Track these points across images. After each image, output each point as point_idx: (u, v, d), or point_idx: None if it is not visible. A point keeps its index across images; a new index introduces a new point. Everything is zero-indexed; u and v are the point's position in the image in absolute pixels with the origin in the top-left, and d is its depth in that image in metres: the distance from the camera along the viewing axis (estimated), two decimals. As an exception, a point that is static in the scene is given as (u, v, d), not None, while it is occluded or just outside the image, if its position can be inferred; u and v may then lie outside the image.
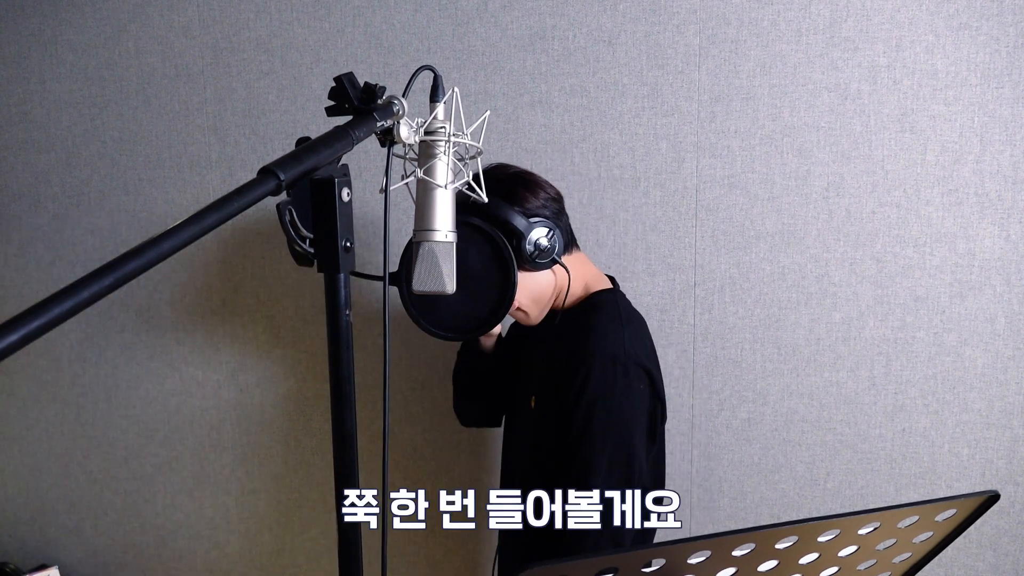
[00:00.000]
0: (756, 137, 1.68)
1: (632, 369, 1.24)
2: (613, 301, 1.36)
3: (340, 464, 0.92)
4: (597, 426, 1.22)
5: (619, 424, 1.23)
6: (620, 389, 1.23)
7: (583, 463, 1.22)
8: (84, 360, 2.01)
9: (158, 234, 0.61)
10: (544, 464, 1.33)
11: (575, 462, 1.24)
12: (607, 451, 1.22)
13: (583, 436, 1.23)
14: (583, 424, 1.23)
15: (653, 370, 1.30)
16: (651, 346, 1.38)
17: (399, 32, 1.75)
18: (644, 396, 1.27)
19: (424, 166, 0.99)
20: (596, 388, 1.22)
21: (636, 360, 1.26)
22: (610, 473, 1.21)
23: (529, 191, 1.30)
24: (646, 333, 1.38)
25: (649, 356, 1.33)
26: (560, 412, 1.26)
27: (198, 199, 1.89)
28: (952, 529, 0.80)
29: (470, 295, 1.28)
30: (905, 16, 1.61)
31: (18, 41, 1.91)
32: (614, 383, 1.23)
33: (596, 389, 1.22)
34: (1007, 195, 1.64)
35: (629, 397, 1.24)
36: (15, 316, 0.50)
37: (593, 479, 1.21)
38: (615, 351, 1.25)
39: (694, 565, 0.68)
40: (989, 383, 1.70)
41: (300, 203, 0.83)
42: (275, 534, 2.00)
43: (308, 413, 1.94)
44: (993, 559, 1.75)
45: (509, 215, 1.25)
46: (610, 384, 1.23)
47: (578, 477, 1.22)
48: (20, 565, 2.06)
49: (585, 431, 1.23)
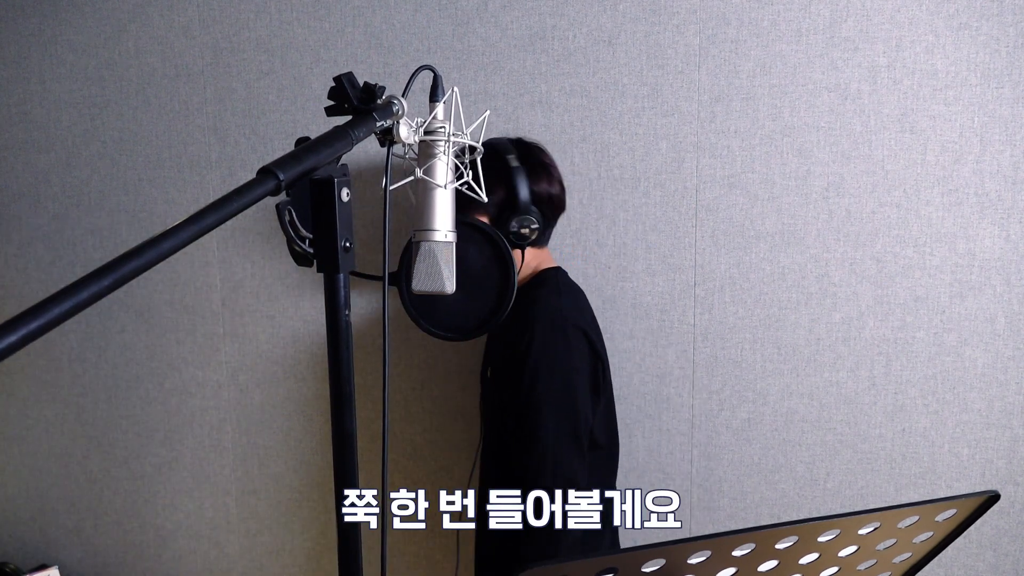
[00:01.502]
0: (756, 137, 1.68)
1: (570, 330, 1.37)
2: (554, 277, 1.48)
3: (340, 464, 0.92)
4: (541, 384, 1.33)
5: (561, 380, 1.34)
6: (560, 348, 1.35)
7: (532, 418, 1.34)
8: (84, 360, 2.01)
9: (158, 234, 0.61)
10: (500, 427, 1.43)
11: (524, 418, 1.35)
12: (552, 404, 1.34)
13: (530, 394, 1.34)
14: (529, 383, 1.34)
15: (590, 331, 1.42)
16: (590, 313, 1.51)
17: (399, 32, 1.75)
18: (584, 354, 1.38)
19: (424, 166, 0.99)
20: (538, 349, 1.34)
21: (573, 323, 1.39)
22: (557, 424, 1.33)
23: (549, 184, 1.45)
24: (585, 303, 1.51)
25: (586, 319, 1.46)
26: (509, 377, 1.38)
27: (198, 199, 1.89)
28: (952, 529, 0.80)
29: (470, 295, 1.29)
30: (905, 16, 1.61)
31: (18, 41, 1.91)
32: (555, 343, 1.35)
33: (538, 350, 1.34)
34: (1007, 195, 1.64)
35: (569, 355, 1.36)
36: (15, 316, 0.50)
37: (541, 431, 1.33)
38: (553, 316, 1.37)
39: (694, 565, 0.68)
40: (989, 383, 1.70)
41: (300, 203, 0.83)
42: (275, 534, 2.00)
43: (308, 413, 1.94)
44: (993, 559, 1.75)
45: (521, 188, 1.39)
46: (551, 344, 1.35)
47: (528, 431, 1.34)
48: (20, 565, 2.06)
49: (531, 389, 1.34)
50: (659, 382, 1.78)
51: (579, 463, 1.36)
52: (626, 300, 1.76)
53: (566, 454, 1.34)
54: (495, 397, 1.47)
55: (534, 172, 1.43)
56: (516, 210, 1.39)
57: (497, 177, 1.39)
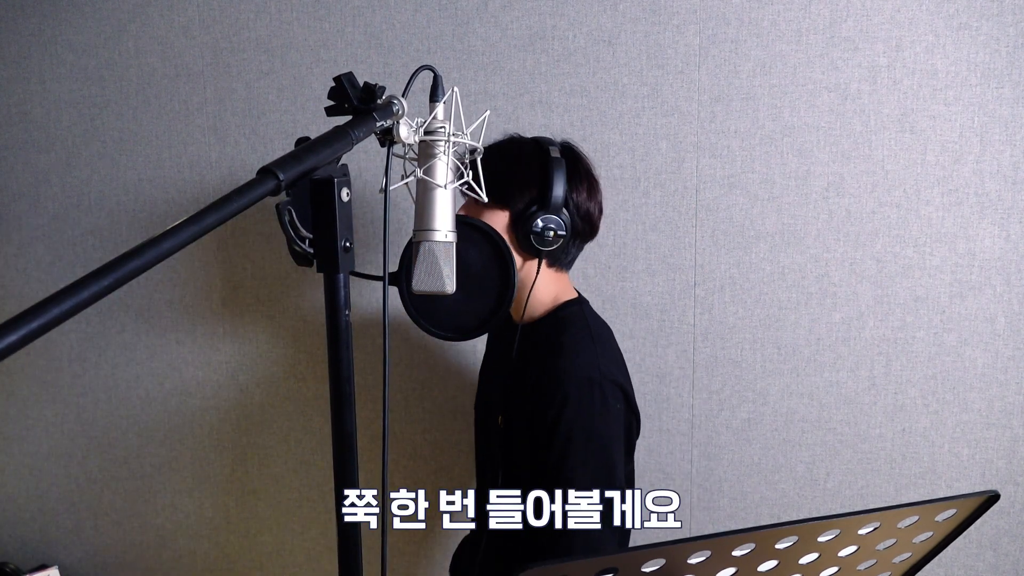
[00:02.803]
0: (756, 137, 1.68)
1: (608, 388, 1.22)
2: (581, 315, 1.33)
3: (340, 464, 0.92)
4: (577, 450, 1.19)
5: (599, 446, 1.21)
6: (597, 410, 1.21)
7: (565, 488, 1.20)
8: (84, 360, 2.01)
9: (158, 234, 0.61)
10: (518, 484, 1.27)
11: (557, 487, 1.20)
12: (588, 475, 1.19)
13: (563, 461, 1.20)
14: (562, 449, 1.20)
15: (627, 386, 1.29)
16: (621, 359, 1.35)
17: (399, 32, 1.75)
18: (620, 414, 1.25)
19: (424, 166, 0.99)
20: (573, 411, 1.19)
21: (611, 378, 1.24)
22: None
23: (589, 198, 1.30)
24: (615, 346, 1.36)
25: (621, 371, 1.31)
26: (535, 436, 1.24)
27: (198, 199, 1.89)
28: (952, 529, 0.80)
29: (470, 295, 1.28)
30: (905, 16, 1.61)
31: (18, 41, 1.91)
32: (591, 404, 1.20)
33: (573, 412, 1.19)
34: (1007, 195, 1.64)
35: (606, 417, 1.22)
36: (15, 316, 0.50)
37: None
38: (590, 372, 1.22)
39: (694, 565, 0.68)
40: (989, 383, 1.70)
41: (300, 203, 0.83)
42: (275, 534, 2.00)
43: (308, 413, 1.94)
44: (993, 559, 1.75)
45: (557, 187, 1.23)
46: (587, 406, 1.20)
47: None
48: (20, 565, 2.06)
49: (564, 455, 1.20)
50: (659, 382, 1.78)
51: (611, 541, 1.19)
52: (626, 300, 1.76)
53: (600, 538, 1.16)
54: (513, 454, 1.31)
55: (575, 175, 1.28)
56: (546, 206, 1.24)
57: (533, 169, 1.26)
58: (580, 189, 1.29)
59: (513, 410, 1.31)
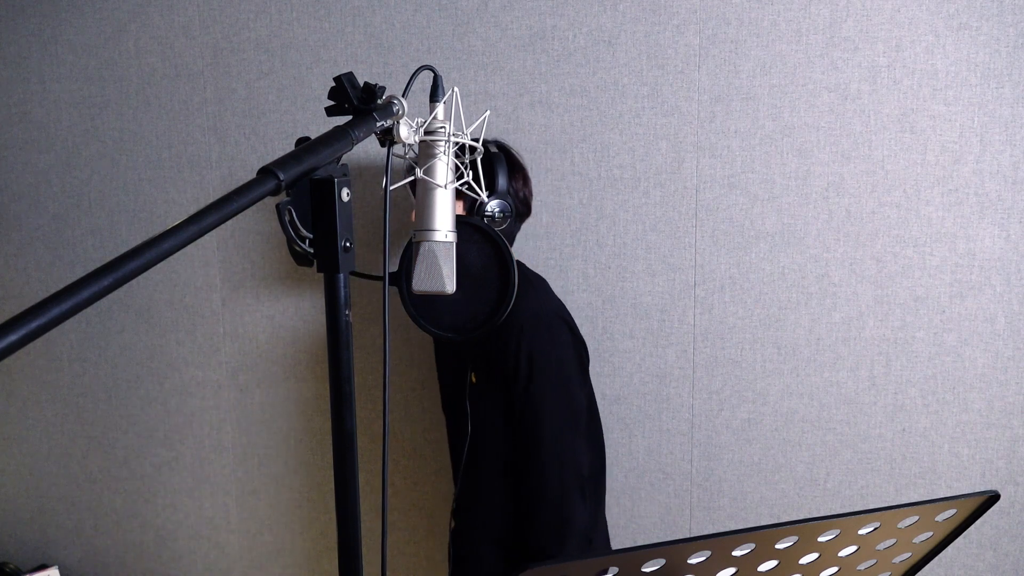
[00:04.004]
0: (756, 137, 1.68)
1: (554, 320, 1.45)
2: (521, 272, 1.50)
3: (340, 464, 0.92)
4: (537, 377, 1.41)
5: (555, 371, 1.43)
6: (549, 341, 1.43)
7: (532, 412, 1.42)
8: (84, 360, 2.01)
9: (158, 234, 0.61)
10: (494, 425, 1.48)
11: (524, 413, 1.42)
12: (549, 396, 1.42)
13: (527, 389, 1.41)
14: (526, 379, 1.41)
15: (569, 319, 1.51)
16: (558, 298, 1.56)
17: (399, 32, 1.75)
18: (567, 342, 1.46)
19: (424, 166, 0.99)
20: (529, 346, 1.41)
21: (556, 313, 1.47)
22: (554, 414, 1.42)
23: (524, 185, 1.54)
24: (549, 289, 1.57)
25: (560, 308, 1.52)
26: (504, 372, 1.43)
27: (198, 199, 1.89)
28: (952, 529, 0.80)
29: (469, 295, 1.29)
30: (905, 16, 1.61)
31: (18, 41, 1.91)
32: (542, 339, 1.42)
33: (529, 347, 1.41)
34: (1007, 195, 1.64)
35: (557, 346, 1.44)
36: (15, 316, 0.50)
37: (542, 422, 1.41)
38: (536, 309, 1.44)
39: (694, 565, 0.68)
40: (989, 383, 1.70)
41: (300, 203, 0.83)
42: (275, 534, 2.00)
43: (308, 413, 1.94)
44: (993, 559, 1.75)
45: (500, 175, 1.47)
46: (541, 333, 1.42)
47: (529, 425, 1.42)
48: (20, 565, 2.06)
49: (528, 384, 1.41)
50: (659, 382, 1.78)
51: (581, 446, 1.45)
52: (626, 300, 1.76)
53: (569, 444, 1.42)
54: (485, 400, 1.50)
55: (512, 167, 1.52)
56: (494, 195, 1.46)
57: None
58: (516, 178, 1.52)
59: (479, 361, 1.49)
